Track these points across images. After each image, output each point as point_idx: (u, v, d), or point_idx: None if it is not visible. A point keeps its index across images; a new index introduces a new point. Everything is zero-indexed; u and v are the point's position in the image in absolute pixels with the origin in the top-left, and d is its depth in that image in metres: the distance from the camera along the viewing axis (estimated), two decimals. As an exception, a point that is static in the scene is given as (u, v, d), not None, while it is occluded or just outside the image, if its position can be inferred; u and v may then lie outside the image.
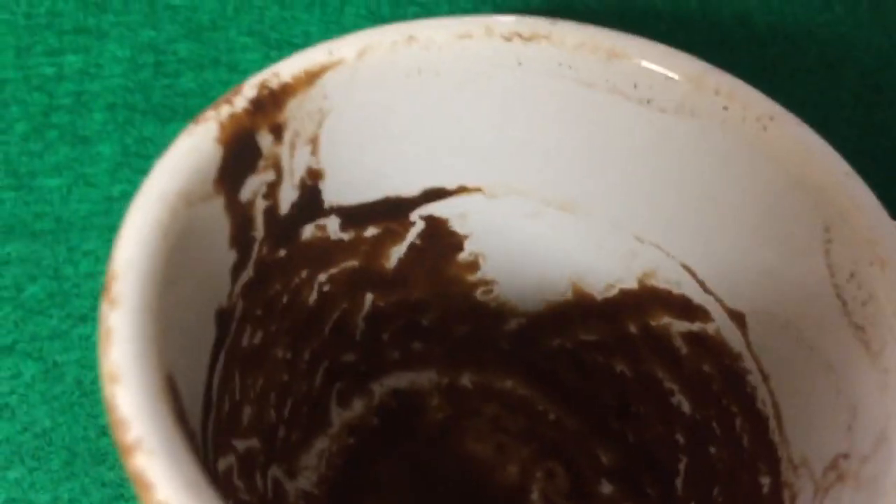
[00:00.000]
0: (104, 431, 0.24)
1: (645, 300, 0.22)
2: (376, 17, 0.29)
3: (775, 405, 0.19)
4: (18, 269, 0.26)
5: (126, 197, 0.27)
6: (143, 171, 0.15)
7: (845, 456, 0.15)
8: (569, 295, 0.23)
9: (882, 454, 0.14)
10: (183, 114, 0.28)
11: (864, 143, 0.28)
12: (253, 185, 0.18)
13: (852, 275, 0.16)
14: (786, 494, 0.17)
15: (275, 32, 0.28)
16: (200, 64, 0.28)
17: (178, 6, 0.29)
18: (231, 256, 0.18)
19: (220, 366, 0.18)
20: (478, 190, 0.21)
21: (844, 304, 0.16)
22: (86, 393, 0.25)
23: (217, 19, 0.28)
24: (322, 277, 0.21)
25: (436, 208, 0.21)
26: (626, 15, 0.25)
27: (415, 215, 0.21)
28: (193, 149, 0.16)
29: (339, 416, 0.24)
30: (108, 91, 0.28)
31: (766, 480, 0.18)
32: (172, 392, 0.14)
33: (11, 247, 0.26)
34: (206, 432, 0.17)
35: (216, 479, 0.17)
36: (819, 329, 0.17)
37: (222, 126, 0.16)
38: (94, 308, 0.26)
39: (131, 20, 0.28)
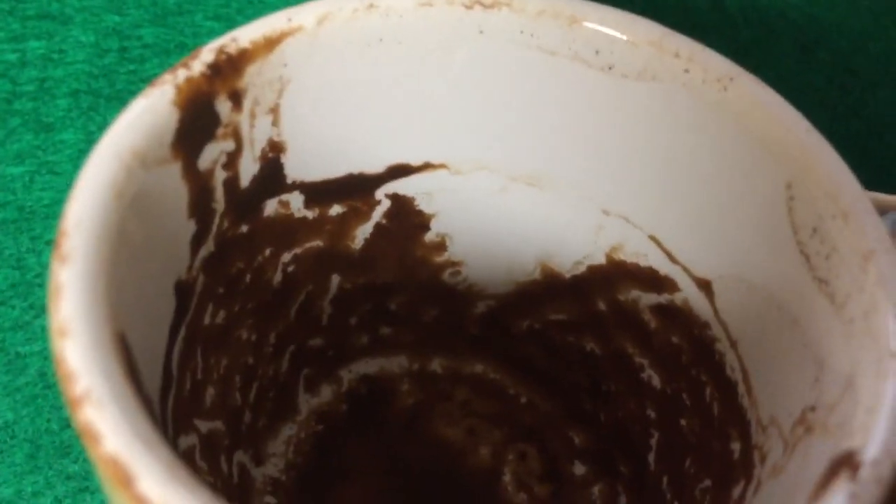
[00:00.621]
0: (68, 424, 0.24)
1: (613, 275, 0.21)
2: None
3: (744, 370, 0.18)
4: (-20, 262, 0.26)
5: (90, 189, 0.26)
6: None
7: (812, 408, 0.15)
8: (537, 274, 0.23)
9: (848, 400, 0.14)
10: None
11: (838, 124, 0.28)
12: (212, 154, 0.17)
13: (815, 230, 0.16)
14: (756, 456, 0.17)
15: (241, 17, 0.28)
16: (166, 49, 0.27)
17: (143, -10, 0.29)
18: (190, 227, 0.18)
19: (179, 341, 0.18)
20: (443, 166, 0.21)
21: (808, 259, 0.16)
22: (49, 385, 0.24)
23: (183, 3, 0.28)
24: (286, 257, 0.21)
25: (401, 186, 0.21)
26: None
27: (380, 193, 0.21)
28: (149, 110, 0.16)
29: (306, 403, 0.23)
30: (72, 77, 0.27)
31: (736, 446, 0.18)
32: (124, 350, 0.14)
33: (-27, 239, 0.26)
34: (165, 407, 0.17)
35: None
36: (784, 287, 0.17)
37: (179, 89, 0.16)
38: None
39: (95, 5, 0.28)
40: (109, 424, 0.12)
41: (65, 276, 0.13)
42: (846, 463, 0.13)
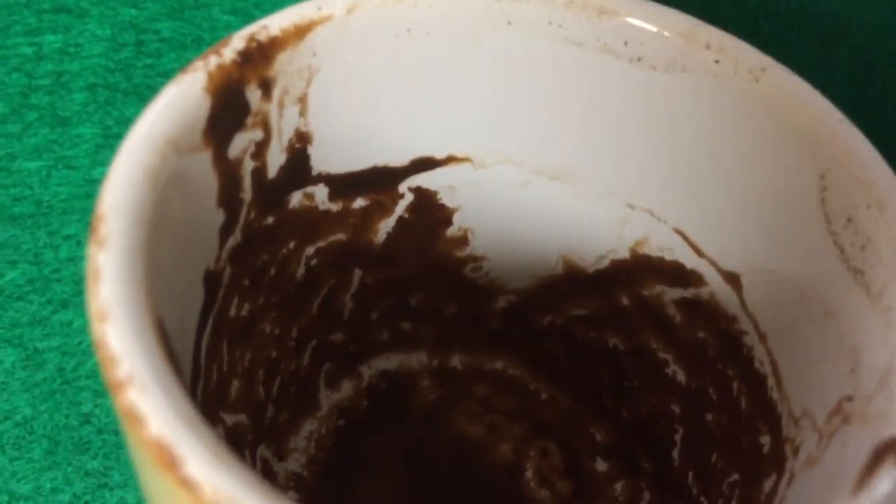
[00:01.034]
0: (87, 419, 0.24)
1: (637, 269, 0.21)
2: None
3: (773, 363, 0.18)
4: (-3, 256, 0.26)
5: (107, 184, 0.26)
6: None
7: (849, 398, 0.15)
8: (559, 269, 0.22)
9: (887, 389, 0.14)
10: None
11: (857, 120, 0.28)
12: (241, 143, 0.17)
13: (849, 220, 0.16)
14: (788, 449, 0.17)
15: (259, 10, 0.28)
16: (183, 43, 0.27)
17: (160, -16, 0.29)
18: (219, 216, 0.17)
19: (207, 332, 0.18)
20: (466, 159, 0.21)
21: (842, 250, 0.16)
22: (67, 380, 0.24)
23: (200, -3, 0.28)
24: (310, 250, 0.21)
25: (424, 179, 0.21)
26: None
27: (403, 187, 0.21)
28: (181, 96, 0.16)
29: (327, 398, 0.23)
30: (89, 71, 0.27)
31: (766, 440, 0.18)
32: (163, 335, 0.13)
33: (-10, 233, 0.26)
34: (195, 398, 0.17)
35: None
36: (817, 279, 0.17)
37: (210, 76, 0.16)
38: (76, 293, 0.25)
39: (112, -2, 0.28)
40: (153, 407, 0.12)
41: (103, 260, 0.13)
42: (891, 449, 0.13)
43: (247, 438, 0.20)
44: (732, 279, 0.19)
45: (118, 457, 0.23)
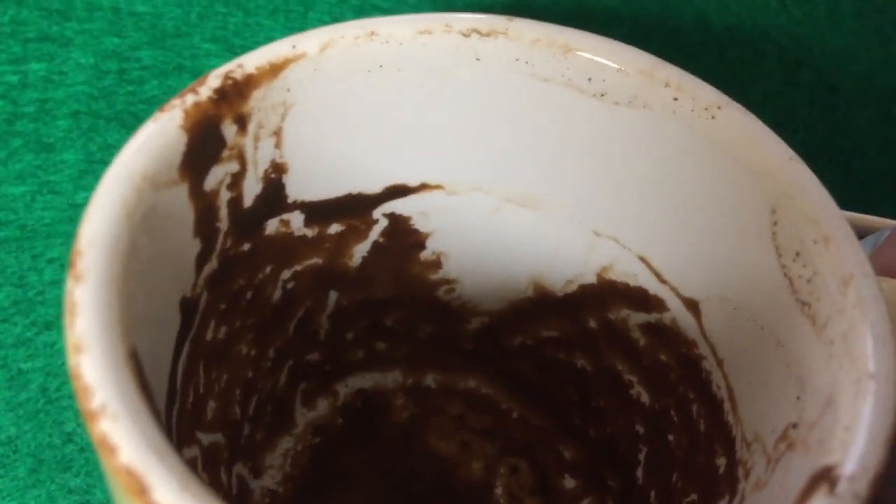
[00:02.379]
0: (70, 438, 0.24)
1: (603, 294, 0.22)
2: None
3: (729, 388, 0.19)
4: (-18, 278, 0.26)
5: (91, 205, 0.27)
6: None
7: (794, 425, 0.16)
8: (530, 292, 0.23)
9: (828, 418, 0.15)
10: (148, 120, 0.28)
11: (821, 141, 0.29)
12: (217, 175, 0.18)
13: (798, 254, 0.17)
14: (740, 471, 0.18)
15: (239, 39, 0.28)
16: (164, 71, 0.28)
17: (142, 13, 0.29)
18: (195, 246, 0.18)
19: (184, 356, 0.18)
20: (439, 187, 0.22)
21: (791, 282, 0.17)
22: (51, 400, 0.25)
23: (181, 26, 0.29)
24: (286, 274, 0.22)
25: (398, 205, 0.22)
26: (585, 19, 0.25)
27: (378, 213, 0.22)
28: (159, 133, 0.16)
29: (303, 416, 0.24)
30: (72, 98, 0.28)
31: (721, 461, 0.19)
32: (136, 365, 0.14)
33: (-25, 256, 0.26)
34: (170, 420, 0.18)
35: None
36: (768, 309, 0.18)
37: (187, 113, 0.17)
38: (59, 316, 0.26)
39: (95, 27, 0.29)
40: (124, 437, 0.13)
41: (79, 294, 0.14)
42: (825, 478, 0.13)
43: (223, 457, 0.21)
44: (692, 306, 0.20)
45: (100, 475, 0.24)
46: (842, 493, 0.13)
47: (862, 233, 0.23)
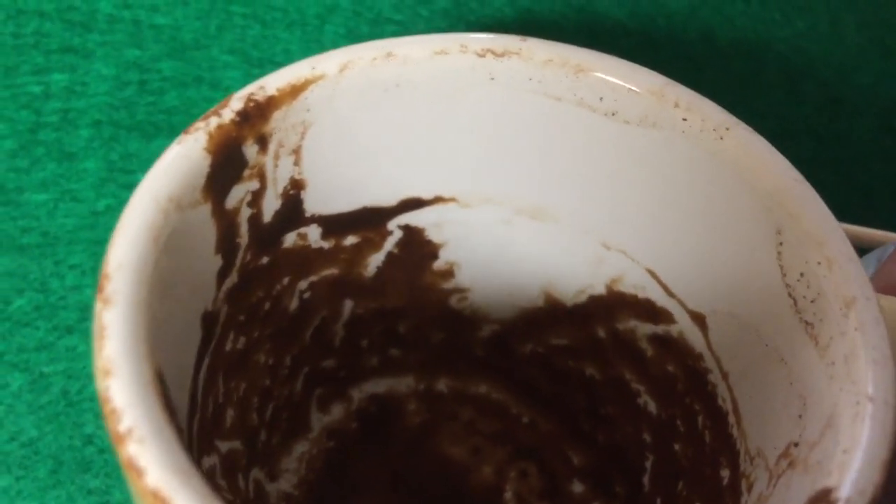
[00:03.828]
0: (90, 440, 0.25)
1: (612, 305, 0.23)
2: (355, 36, 0.31)
3: (734, 401, 0.20)
4: (6, 283, 0.27)
5: (111, 211, 0.28)
6: (127, 187, 0.16)
7: (796, 444, 0.16)
8: (540, 302, 0.24)
9: (828, 439, 0.15)
10: (167, 130, 0.29)
11: (824, 152, 0.29)
12: (238, 193, 0.19)
13: (802, 274, 0.17)
14: (743, 485, 0.18)
15: (256, 51, 0.29)
16: (183, 82, 0.28)
17: (162, 25, 0.30)
18: (217, 262, 0.19)
19: (204, 368, 0.19)
20: (452, 200, 0.22)
21: (795, 302, 0.18)
22: (71, 403, 0.25)
23: (200, 38, 0.29)
24: (303, 285, 0.22)
25: (412, 218, 0.22)
26: (594, 32, 0.26)
27: (392, 224, 0.22)
28: (183, 157, 0.17)
29: (319, 421, 0.25)
30: (94, 108, 0.28)
31: (725, 473, 0.19)
32: (162, 386, 0.15)
33: (-1, 261, 0.27)
34: (191, 431, 0.18)
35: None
36: (773, 327, 0.18)
37: (210, 136, 0.17)
38: (81, 320, 0.26)
39: (116, 40, 0.29)
40: (151, 460, 0.13)
41: (108, 318, 0.15)
42: (823, 500, 0.14)
43: (241, 463, 0.22)
44: (699, 319, 0.21)
45: (119, 476, 0.25)
46: (840, 515, 0.14)
47: (865, 247, 0.23)
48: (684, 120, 0.19)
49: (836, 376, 0.16)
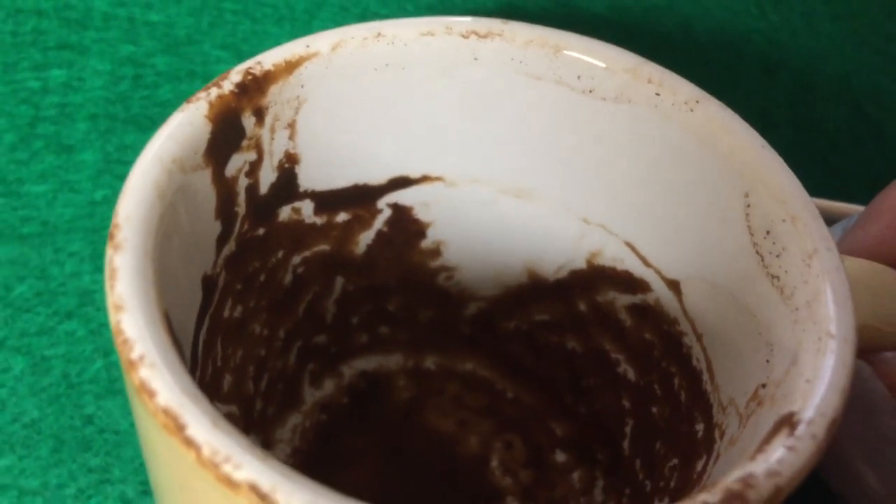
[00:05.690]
0: (90, 420, 0.26)
1: (593, 278, 0.24)
2: (343, 31, 0.32)
3: (707, 360, 0.21)
4: (7, 270, 0.27)
5: (108, 201, 0.29)
6: (124, 177, 0.17)
7: (763, 385, 0.17)
8: (524, 278, 0.25)
9: (792, 374, 0.16)
10: (161, 123, 0.29)
11: (800, 138, 0.31)
12: (237, 163, 0.20)
13: (768, 232, 0.19)
14: (717, 433, 0.19)
15: (247, 45, 0.30)
16: (177, 76, 0.29)
17: (155, 22, 0.31)
18: (216, 227, 0.20)
19: (204, 330, 0.20)
20: (439, 179, 0.23)
21: (762, 258, 0.19)
22: (72, 385, 0.26)
23: (193, 34, 0.30)
24: (296, 259, 0.23)
25: (401, 196, 0.23)
26: (574, 25, 0.27)
27: (382, 203, 0.23)
28: (186, 123, 0.18)
29: (311, 395, 0.25)
30: (91, 102, 0.29)
31: (700, 427, 0.20)
32: (169, 325, 0.16)
33: (0, 249, 0.28)
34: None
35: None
36: (742, 284, 0.19)
37: (211, 105, 0.18)
38: (80, 305, 0.27)
39: (111, 36, 0.30)
40: (161, 382, 0.14)
41: (118, 261, 0.16)
42: (786, 423, 0.15)
43: (239, 427, 0.22)
44: (674, 286, 0.22)
45: (118, 454, 0.25)
46: (801, 434, 0.15)
47: (833, 218, 0.25)
48: (657, 95, 0.20)
49: (800, 319, 0.17)
